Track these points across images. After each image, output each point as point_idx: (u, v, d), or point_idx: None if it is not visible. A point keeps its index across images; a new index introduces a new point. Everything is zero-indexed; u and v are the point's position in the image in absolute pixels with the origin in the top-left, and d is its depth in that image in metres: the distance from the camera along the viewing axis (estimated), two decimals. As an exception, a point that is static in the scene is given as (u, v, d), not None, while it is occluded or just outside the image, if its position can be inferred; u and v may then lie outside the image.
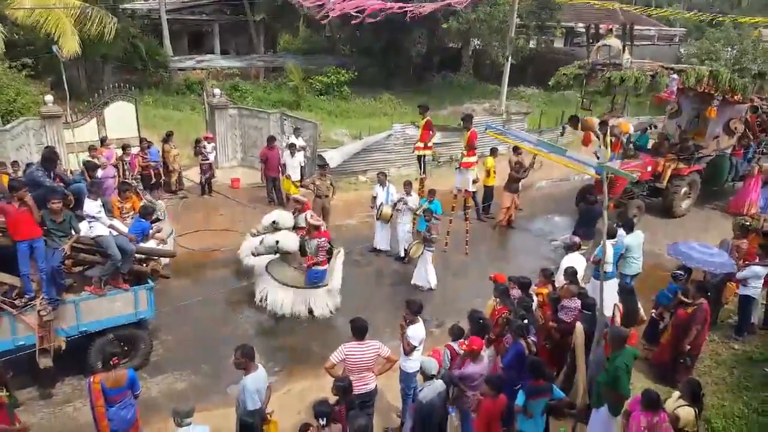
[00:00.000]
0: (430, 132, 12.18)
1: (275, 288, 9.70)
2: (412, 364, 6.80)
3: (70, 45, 15.43)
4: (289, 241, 9.76)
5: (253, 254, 9.91)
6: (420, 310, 6.91)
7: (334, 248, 10.12)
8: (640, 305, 8.32)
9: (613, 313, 7.52)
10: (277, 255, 9.87)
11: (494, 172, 14.11)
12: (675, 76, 12.74)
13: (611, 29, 12.71)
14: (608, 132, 11.45)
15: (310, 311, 9.64)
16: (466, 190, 11.98)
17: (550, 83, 14.23)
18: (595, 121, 12.25)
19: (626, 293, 8.33)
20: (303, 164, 14.39)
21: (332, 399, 5.76)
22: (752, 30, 25.86)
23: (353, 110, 24.20)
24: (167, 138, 14.61)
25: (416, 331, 6.81)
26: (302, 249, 9.85)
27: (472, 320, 6.82)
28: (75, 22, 15.85)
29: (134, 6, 26.87)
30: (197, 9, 28.56)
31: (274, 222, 10.02)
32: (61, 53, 13.20)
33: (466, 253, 12.02)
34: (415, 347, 6.79)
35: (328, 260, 9.86)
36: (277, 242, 9.61)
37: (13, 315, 7.06)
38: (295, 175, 14.01)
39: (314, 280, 9.64)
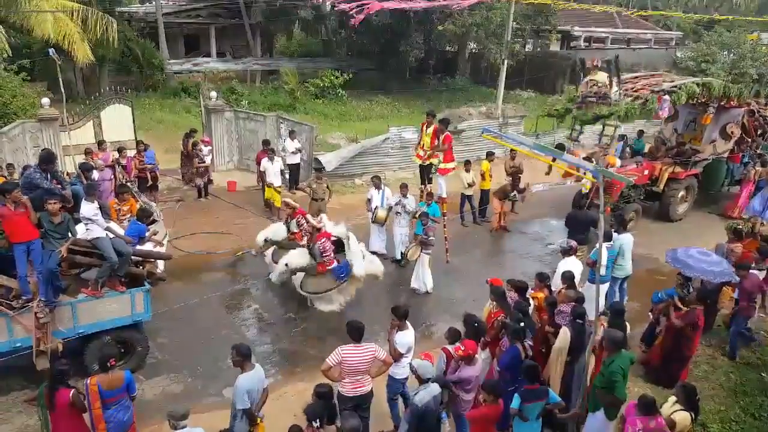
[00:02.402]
0: (437, 141, 11.59)
1: (319, 299, 9.72)
2: (399, 370, 6.76)
3: (81, 52, 15.45)
4: (297, 257, 9.71)
5: (277, 282, 9.92)
6: (406, 316, 6.84)
7: (342, 238, 10.04)
8: (628, 326, 7.59)
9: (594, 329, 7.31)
10: (296, 274, 9.79)
11: (490, 175, 14.15)
12: (666, 97, 12.89)
13: (596, 65, 12.79)
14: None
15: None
16: (441, 197, 11.79)
17: (540, 114, 14.43)
18: (581, 153, 12.49)
19: (616, 314, 7.48)
20: (284, 170, 14.15)
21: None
22: (748, 33, 26.00)
23: (349, 113, 24.23)
24: (191, 134, 14.88)
25: (405, 338, 6.77)
26: (312, 255, 9.83)
27: (467, 324, 6.81)
28: (77, 26, 15.83)
29: (130, 9, 26.88)
30: (193, 12, 28.61)
31: (266, 240, 10.06)
32: (57, 56, 13.18)
33: (447, 261, 11.93)
34: (403, 354, 6.73)
35: (339, 251, 9.84)
36: (287, 265, 9.60)
37: (10, 317, 7.04)
38: (277, 182, 13.80)
39: (341, 275, 9.60)
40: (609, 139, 13.54)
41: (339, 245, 9.94)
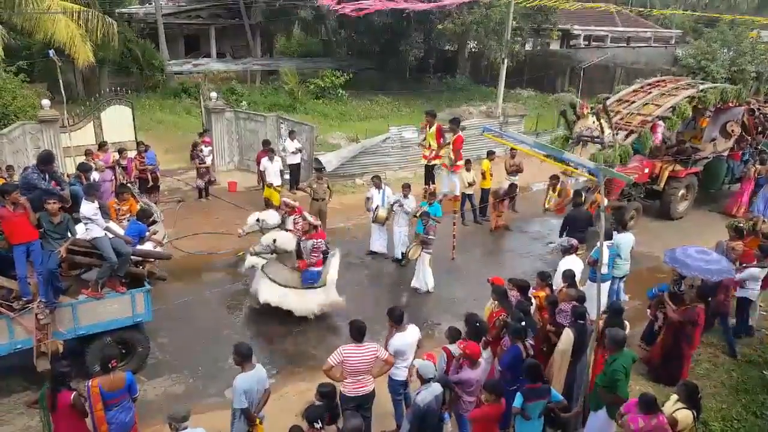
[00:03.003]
0: (442, 140, 11.62)
1: (270, 287, 9.60)
2: (397, 371, 6.75)
3: (83, 54, 15.46)
4: (287, 240, 9.70)
5: (251, 253, 9.87)
6: (401, 319, 6.81)
7: (329, 250, 10.07)
8: (627, 325, 7.56)
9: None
10: (274, 255, 9.79)
11: (490, 174, 14.15)
12: (661, 123, 12.92)
13: (585, 112, 12.78)
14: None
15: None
16: (455, 195, 11.85)
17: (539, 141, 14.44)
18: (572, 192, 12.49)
19: (614, 314, 7.42)
20: (283, 170, 14.14)
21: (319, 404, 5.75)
22: (748, 31, 25.95)
23: (350, 113, 24.22)
24: (203, 134, 15.02)
25: (404, 339, 6.75)
26: (298, 251, 9.83)
27: (468, 323, 6.79)
28: (80, 29, 15.82)
29: (131, 10, 26.89)
30: (193, 13, 28.62)
31: (258, 219, 9.97)
32: (58, 58, 13.20)
33: (452, 258, 11.95)
34: (398, 356, 6.70)
35: (324, 260, 9.83)
36: (275, 241, 9.55)
37: (10, 318, 7.05)
38: (276, 181, 13.79)
39: (310, 280, 9.61)
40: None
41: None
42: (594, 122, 12.53)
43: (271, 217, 10.13)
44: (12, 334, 7.11)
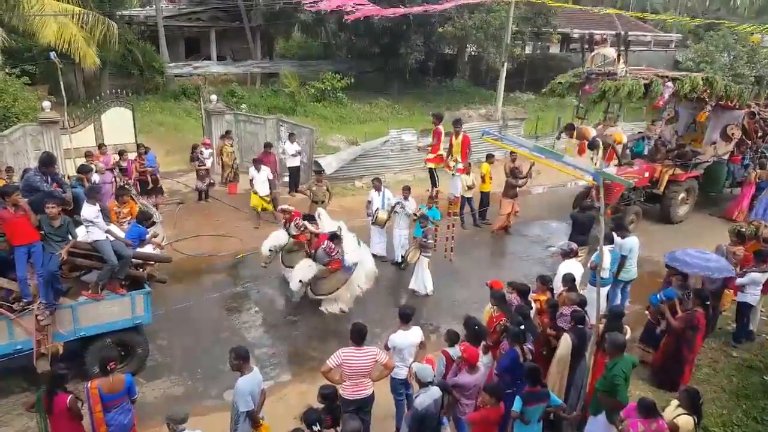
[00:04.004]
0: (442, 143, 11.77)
1: (330, 300, 9.96)
2: (398, 370, 6.75)
3: (89, 57, 15.46)
4: (307, 271, 9.69)
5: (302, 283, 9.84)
6: (406, 318, 6.81)
7: (336, 232, 10.10)
8: (628, 329, 7.67)
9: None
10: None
11: (490, 178, 14.13)
12: (669, 84, 12.81)
13: (605, 38, 12.72)
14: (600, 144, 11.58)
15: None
16: (455, 196, 11.85)
17: (544, 91, 14.29)
18: (591, 130, 12.32)
19: (615, 318, 7.42)
20: (270, 178, 13.77)
21: (319, 406, 5.75)
22: (749, 35, 25.97)
23: (349, 116, 24.23)
24: (225, 135, 15.17)
25: (404, 337, 6.75)
26: (318, 260, 9.84)
27: (467, 326, 6.80)
28: (82, 31, 15.80)
29: (131, 13, 26.90)
30: (194, 16, 28.63)
31: (270, 250, 9.99)
32: (59, 60, 13.21)
33: (450, 260, 11.91)
34: (396, 352, 6.74)
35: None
36: (301, 282, 9.61)
37: (11, 319, 7.05)
38: (263, 191, 13.51)
39: (350, 268, 9.79)
40: (615, 116, 13.42)
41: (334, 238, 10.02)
42: (614, 51, 12.42)
43: (280, 238, 10.12)
44: (12, 335, 7.11)
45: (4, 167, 11.18)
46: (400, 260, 11.74)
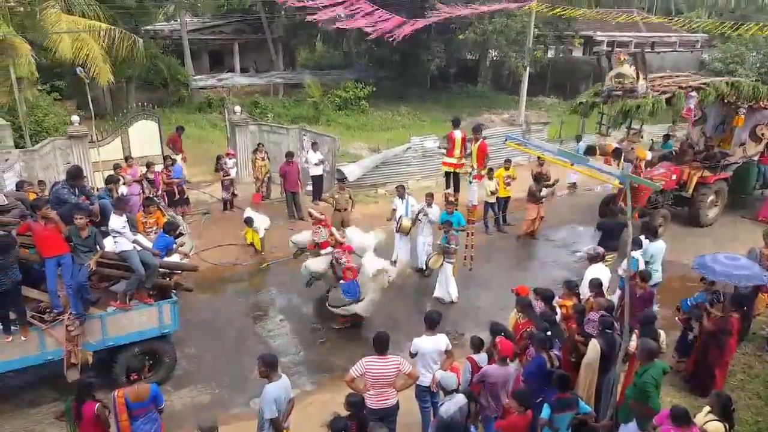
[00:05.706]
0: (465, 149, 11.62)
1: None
2: (422, 377, 6.70)
3: (104, 73, 15.76)
4: (315, 263, 9.94)
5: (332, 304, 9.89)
6: (432, 323, 6.80)
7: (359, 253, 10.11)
8: (663, 333, 7.52)
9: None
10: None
11: (506, 183, 14.02)
12: (693, 93, 12.62)
13: (623, 58, 12.59)
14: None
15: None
16: (473, 204, 11.70)
17: (566, 112, 14.21)
18: (613, 144, 12.25)
19: (646, 323, 7.27)
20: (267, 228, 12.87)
21: (345, 414, 5.72)
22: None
23: (371, 124, 24.32)
24: (257, 148, 15.37)
25: (427, 342, 6.72)
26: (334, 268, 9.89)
27: (493, 333, 6.73)
28: (104, 46, 16.08)
29: (156, 27, 27.46)
30: (217, 29, 29.14)
31: (293, 242, 10.66)
32: (85, 75, 13.50)
33: (470, 268, 11.74)
34: (419, 357, 6.72)
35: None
36: (305, 267, 10.05)
37: (42, 330, 7.21)
38: (261, 231, 12.51)
39: (350, 294, 9.48)
40: (637, 132, 13.24)
41: None
42: (632, 70, 12.28)
43: (304, 236, 10.56)
44: (43, 345, 7.26)
45: (36, 181, 11.46)
46: (423, 267, 11.68)
